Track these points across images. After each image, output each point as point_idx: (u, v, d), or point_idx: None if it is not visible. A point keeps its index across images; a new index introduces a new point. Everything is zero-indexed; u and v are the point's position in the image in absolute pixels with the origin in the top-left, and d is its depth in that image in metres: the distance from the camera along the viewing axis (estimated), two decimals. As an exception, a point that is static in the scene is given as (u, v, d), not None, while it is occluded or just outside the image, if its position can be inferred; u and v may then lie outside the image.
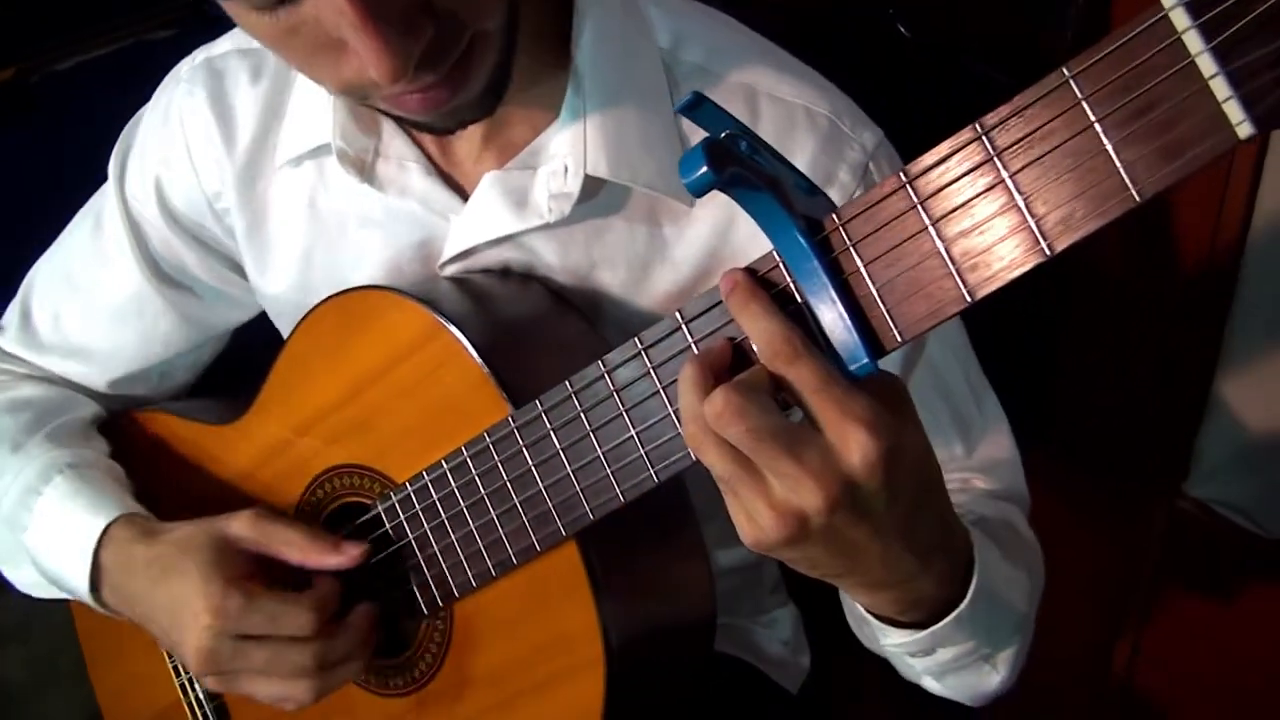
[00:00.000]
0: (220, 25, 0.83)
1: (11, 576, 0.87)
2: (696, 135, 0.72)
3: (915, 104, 0.80)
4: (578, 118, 0.70)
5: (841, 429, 0.48)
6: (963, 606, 0.60)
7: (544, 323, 0.75)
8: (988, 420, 0.82)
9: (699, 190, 0.46)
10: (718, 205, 0.73)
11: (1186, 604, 1.26)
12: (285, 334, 0.88)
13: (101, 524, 0.76)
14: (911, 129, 0.76)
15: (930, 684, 0.73)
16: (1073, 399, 1.28)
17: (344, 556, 0.72)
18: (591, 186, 0.71)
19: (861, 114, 0.75)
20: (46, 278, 0.91)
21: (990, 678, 0.70)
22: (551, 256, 0.75)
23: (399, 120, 0.69)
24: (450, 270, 0.77)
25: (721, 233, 0.74)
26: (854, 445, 0.48)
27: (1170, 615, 1.28)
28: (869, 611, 0.63)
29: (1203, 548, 1.21)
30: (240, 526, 0.73)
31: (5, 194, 1.46)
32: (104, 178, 0.89)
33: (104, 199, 0.88)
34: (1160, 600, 1.28)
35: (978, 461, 0.81)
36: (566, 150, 0.71)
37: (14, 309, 0.92)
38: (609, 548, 0.66)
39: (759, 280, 0.52)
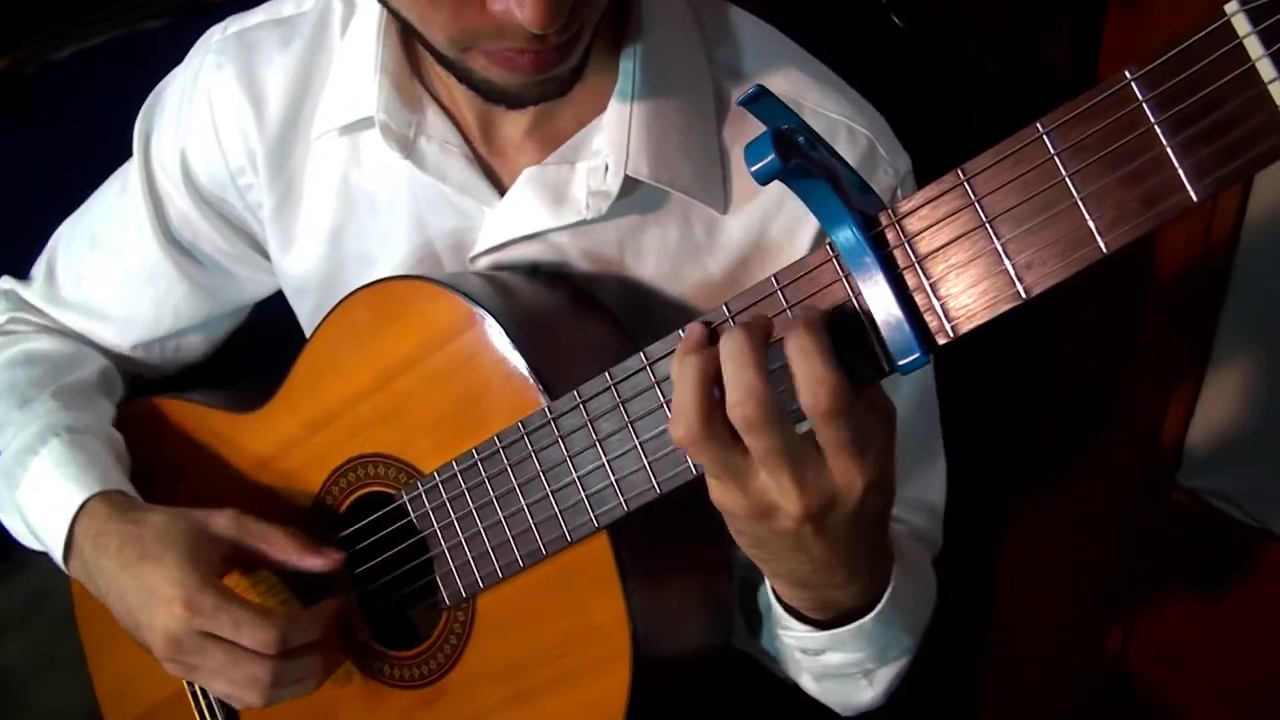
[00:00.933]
0: (215, 14, 0.84)
1: (6, 523, 0.87)
2: (736, 144, 0.74)
3: (911, 96, 0.81)
4: (624, 114, 0.71)
5: (841, 458, 0.52)
6: (868, 619, 0.64)
7: (574, 320, 0.75)
8: (933, 461, 0.84)
9: (765, 178, 0.47)
10: (751, 212, 0.74)
11: (1178, 591, 1.28)
12: (304, 315, 0.89)
13: (81, 498, 0.77)
14: (906, 120, 0.77)
15: (807, 683, 0.76)
16: (1067, 391, 1.29)
17: (324, 559, 0.74)
18: (629, 186, 0.72)
19: (895, 139, 0.76)
20: (72, 236, 0.92)
21: (865, 692, 0.73)
22: (582, 253, 0.76)
23: (476, 86, 0.67)
24: (482, 263, 0.77)
25: (754, 240, 0.75)
26: (849, 478, 0.52)
27: (1162, 602, 1.29)
28: (780, 601, 0.66)
29: (1195, 536, 1.23)
30: (221, 521, 0.74)
31: (2, 186, 1.45)
32: (100, 168, 0.89)
33: (131, 166, 0.88)
34: (1152, 587, 1.29)
35: (910, 499, 0.83)
36: (609, 148, 0.71)
37: (41, 263, 0.93)
38: (639, 540, 0.66)
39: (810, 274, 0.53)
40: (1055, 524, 1.36)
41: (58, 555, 0.79)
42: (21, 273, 0.94)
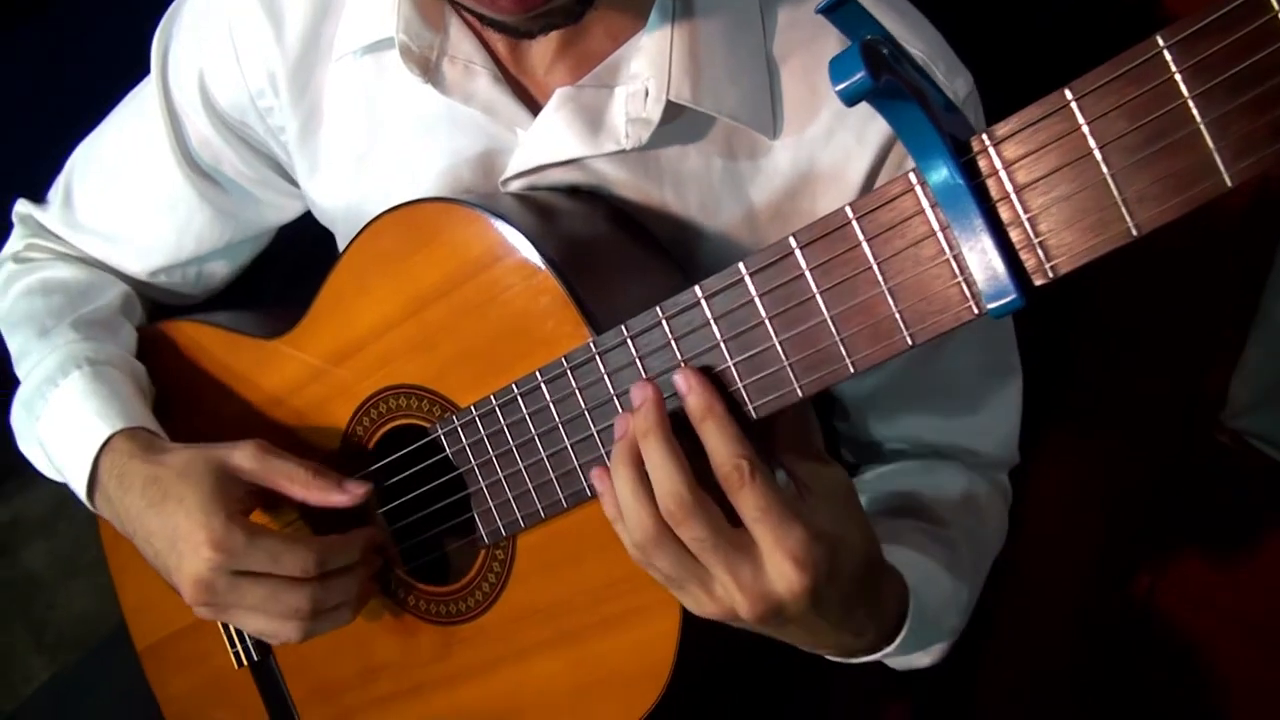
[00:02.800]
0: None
1: (27, 452, 0.84)
2: (785, 62, 0.68)
3: (961, 13, 0.75)
4: (664, 34, 0.65)
5: (774, 560, 0.52)
6: (890, 649, 0.62)
7: (617, 245, 0.70)
8: (1009, 380, 0.81)
9: (853, 98, 0.42)
10: (800, 139, 0.69)
11: (1210, 532, 1.25)
12: (341, 242, 0.84)
13: (105, 433, 0.74)
14: (953, 42, 0.71)
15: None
16: (1108, 323, 1.25)
17: (347, 495, 0.70)
18: (671, 112, 0.67)
19: (956, 59, 0.70)
20: (88, 158, 0.87)
21: (920, 659, 0.71)
22: (620, 182, 0.71)
23: (478, 17, 0.64)
24: (514, 186, 0.72)
25: (803, 171, 0.69)
26: (781, 579, 0.52)
27: (1193, 542, 1.27)
28: None
29: (1232, 478, 1.20)
30: (242, 457, 0.70)
31: (17, 97, 1.40)
32: (116, 83, 0.85)
33: (148, 86, 0.83)
34: (1184, 528, 1.27)
35: (980, 422, 0.81)
36: (649, 71, 0.66)
37: (58, 186, 0.89)
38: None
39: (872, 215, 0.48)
40: (1090, 461, 1.33)
41: (81, 491, 0.76)
42: (39, 194, 0.90)
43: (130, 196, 0.85)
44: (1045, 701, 1.42)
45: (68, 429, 0.75)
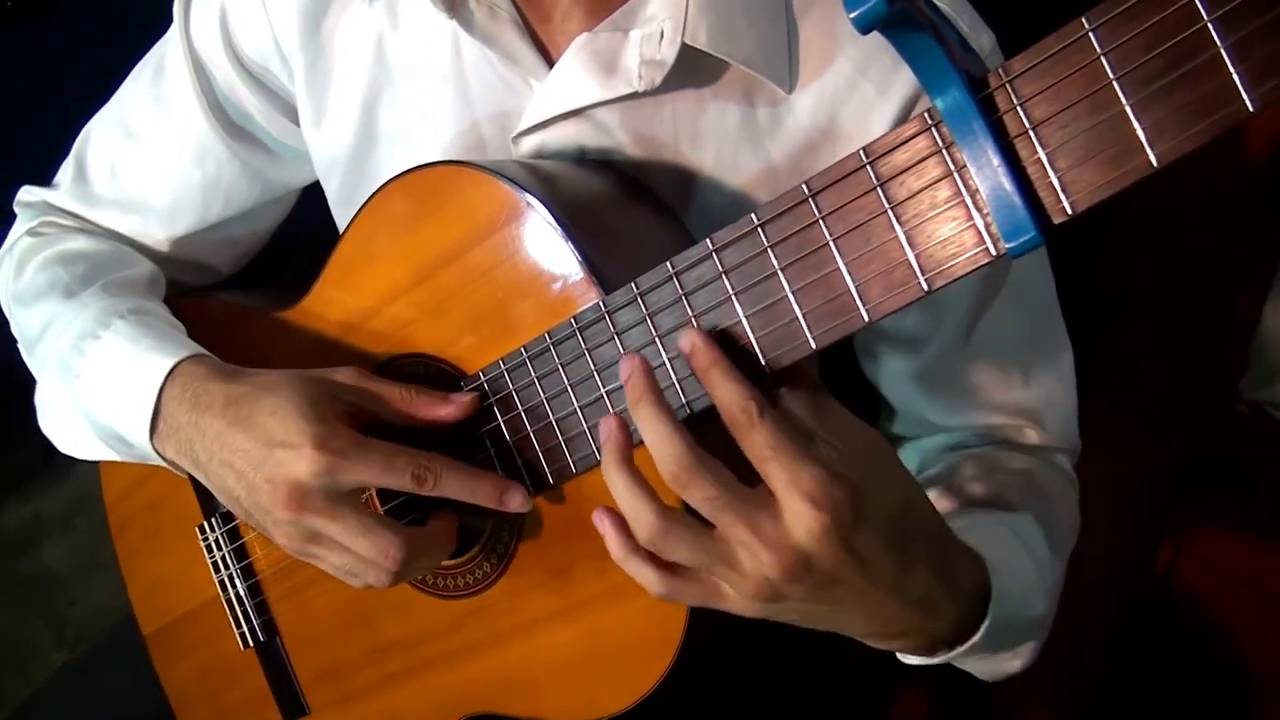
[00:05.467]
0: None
1: (51, 429, 0.81)
2: (805, 16, 0.67)
3: None
4: None
5: (787, 500, 0.49)
6: (976, 639, 0.58)
7: (625, 210, 0.69)
8: (1058, 349, 0.79)
9: (867, 23, 0.41)
10: (820, 93, 0.68)
11: (1231, 504, 1.25)
12: (332, 196, 0.84)
13: (170, 361, 0.69)
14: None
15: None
16: (1121, 290, 1.24)
17: (453, 406, 0.65)
18: (687, 56, 0.66)
19: (977, 17, 0.69)
20: (103, 130, 0.86)
21: (1011, 664, 0.68)
22: (632, 134, 0.70)
23: None
24: (526, 144, 0.72)
25: (824, 127, 0.68)
26: (797, 519, 0.49)
27: (1215, 513, 1.27)
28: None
29: (1253, 449, 1.20)
30: (344, 374, 0.66)
31: (27, 94, 1.41)
32: (124, 77, 0.85)
33: (166, 44, 0.83)
34: (1206, 499, 1.26)
35: (1034, 399, 0.79)
36: (665, 13, 0.65)
37: (68, 165, 0.87)
38: (700, 444, 0.61)
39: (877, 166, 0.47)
40: (1106, 435, 1.32)
41: (140, 434, 0.70)
42: (44, 183, 0.89)
43: (155, 157, 0.84)
44: (1068, 675, 1.41)
45: (119, 374, 0.71)
